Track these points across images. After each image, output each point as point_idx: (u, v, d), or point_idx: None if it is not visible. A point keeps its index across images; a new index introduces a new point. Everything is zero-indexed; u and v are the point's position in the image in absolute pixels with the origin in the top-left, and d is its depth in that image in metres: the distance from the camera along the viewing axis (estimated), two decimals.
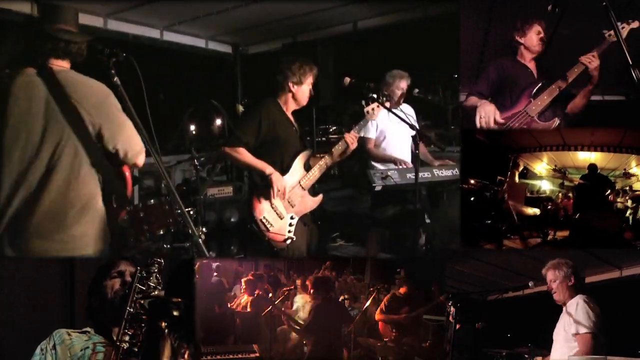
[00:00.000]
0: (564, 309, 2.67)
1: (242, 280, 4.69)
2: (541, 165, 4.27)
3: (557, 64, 3.57)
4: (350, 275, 4.81)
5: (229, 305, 4.52)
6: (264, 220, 3.77)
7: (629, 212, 3.61)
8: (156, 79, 3.98)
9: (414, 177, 3.78)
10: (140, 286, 2.23)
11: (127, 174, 3.09)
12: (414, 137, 3.78)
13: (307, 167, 3.96)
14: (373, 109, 3.93)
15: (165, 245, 4.93)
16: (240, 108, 7.76)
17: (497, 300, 3.27)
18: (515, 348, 3.04)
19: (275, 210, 3.80)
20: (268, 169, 3.77)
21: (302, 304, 4.42)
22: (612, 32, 3.20)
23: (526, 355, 2.92)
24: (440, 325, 3.67)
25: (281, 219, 3.82)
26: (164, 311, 2.07)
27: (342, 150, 3.94)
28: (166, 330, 2.05)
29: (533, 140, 4.01)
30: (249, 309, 4.44)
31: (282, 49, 7.50)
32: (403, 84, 4.79)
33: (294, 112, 4.08)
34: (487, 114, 3.58)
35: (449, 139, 7.03)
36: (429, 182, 4.21)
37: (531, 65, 3.61)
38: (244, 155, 3.80)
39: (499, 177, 4.02)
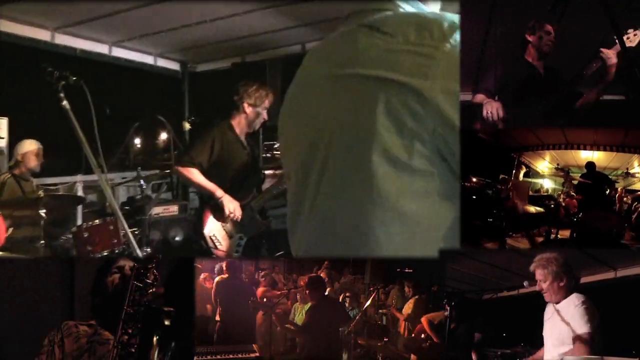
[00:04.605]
0: (553, 307, 2.65)
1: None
2: (543, 164, 4.26)
3: (562, 62, 3.56)
4: (349, 275, 4.83)
5: None
6: (213, 238, 3.80)
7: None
8: (103, 95, 4.00)
9: None
10: (137, 283, 2.26)
11: None
12: None
13: (259, 190, 3.98)
14: None
15: None
16: (187, 125, 7.82)
17: (492, 300, 3.28)
18: (510, 347, 3.04)
19: (224, 229, 3.82)
20: (218, 191, 3.81)
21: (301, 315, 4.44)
22: (628, 35, 3.18)
23: (520, 355, 2.92)
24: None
25: (230, 238, 3.84)
26: (156, 321, 2.10)
27: None
28: (156, 338, 2.07)
29: (535, 138, 4.00)
30: None
31: (232, 68, 7.56)
32: None
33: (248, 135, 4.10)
34: (493, 110, 3.59)
35: None
36: None
37: (538, 65, 3.61)
38: (196, 176, 3.84)
39: (501, 175, 4.01)
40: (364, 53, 1.30)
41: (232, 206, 3.80)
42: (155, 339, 2.15)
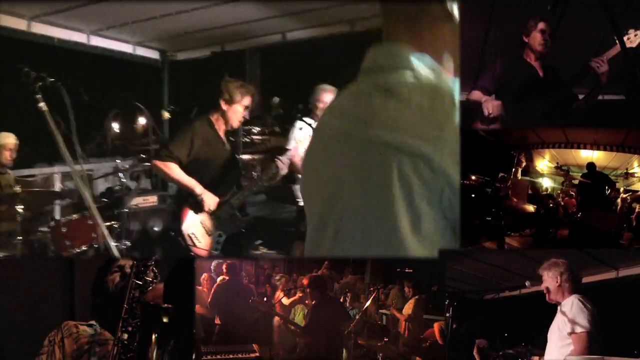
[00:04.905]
0: (558, 308, 2.70)
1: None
2: (543, 163, 4.26)
3: (562, 63, 3.56)
4: (350, 275, 4.82)
5: None
6: (191, 235, 3.79)
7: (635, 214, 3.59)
8: (81, 83, 3.95)
9: None
10: (137, 281, 2.25)
11: None
12: None
13: (239, 187, 3.97)
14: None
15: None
16: (166, 115, 7.74)
17: (493, 300, 3.28)
18: (511, 348, 3.04)
19: (203, 226, 3.81)
20: (198, 188, 3.79)
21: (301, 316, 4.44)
22: (629, 35, 3.19)
23: (522, 355, 2.93)
24: None
25: (209, 235, 3.83)
26: (155, 318, 2.09)
27: (274, 174, 3.96)
28: (154, 336, 2.07)
29: (536, 137, 4.00)
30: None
31: (211, 57, 7.53)
32: (325, 97, 4.81)
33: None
34: (494, 109, 3.59)
35: None
36: None
37: (536, 65, 3.61)
38: (175, 171, 3.81)
39: (500, 174, 4.01)
40: (378, 116, 1.36)
41: (212, 203, 3.79)
42: (154, 336, 2.14)
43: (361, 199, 1.38)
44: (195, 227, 3.83)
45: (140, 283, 2.25)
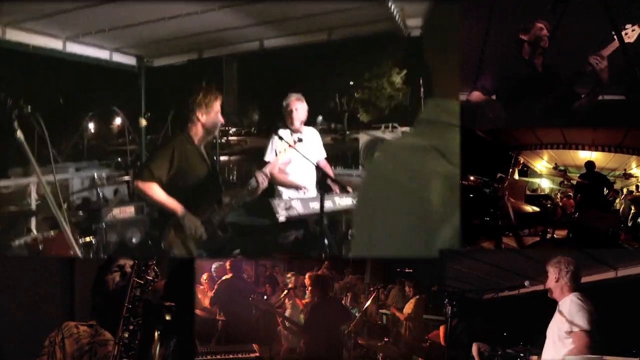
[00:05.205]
0: (557, 307, 2.70)
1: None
2: (541, 163, 4.26)
3: (562, 63, 3.57)
4: (350, 275, 4.83)
5: None
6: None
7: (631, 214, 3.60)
8: (57, 89, 3.93)
9: (316, 206, 3.89)
10: (138, 280, 2.26)
11: None
12: (317, 166, 3.90)
13: (219, 203, 3.98)
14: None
15: None
16: (144, 122, 7.71)
17: (492, 299, 3.29)
18: (510, 347, 3.05)
19: (184, 246, 3.82)
20: (180, 209, 3.77)
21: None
22: (627, 31, 3.19)
23: (521, 355, 2.94)
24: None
25: (190, 255, 3.84)
26: (157, 316, 2.10)
27: (255, 188, 3.97)
28: (157, 333, 2.08)
29: (534, 138, 4.00)
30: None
31: (187, 64, 7.55)
32: (296, 104, 4.84)
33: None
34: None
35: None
36: (331, 212, 4.30)
37: (536, 63, 3.61)
38: (156, 192, 3.80)
39: (499, 174, 4.01)
40: (427, 176, 1.45)
41: (193, 226, 3.78)
42: (156, 334, 2.15)
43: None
44: (177, 247, 3.82)
45: (142, 282, 2.25)
